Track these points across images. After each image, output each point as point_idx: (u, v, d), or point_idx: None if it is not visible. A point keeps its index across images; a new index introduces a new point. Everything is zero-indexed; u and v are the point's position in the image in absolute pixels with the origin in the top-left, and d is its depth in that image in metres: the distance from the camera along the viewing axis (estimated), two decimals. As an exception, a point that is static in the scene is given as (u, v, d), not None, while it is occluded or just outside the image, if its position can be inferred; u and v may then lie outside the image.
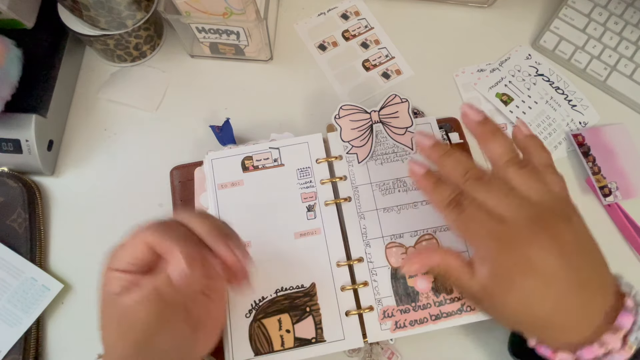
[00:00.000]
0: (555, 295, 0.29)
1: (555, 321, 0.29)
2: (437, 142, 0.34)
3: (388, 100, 0.45)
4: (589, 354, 0.28)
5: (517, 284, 0.29)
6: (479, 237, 0.31)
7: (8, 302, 0.42)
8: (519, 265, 0.29)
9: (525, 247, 0.29)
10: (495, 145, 0.32)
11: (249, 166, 0.43)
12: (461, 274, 0.32)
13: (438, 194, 0.32)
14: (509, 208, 0.30)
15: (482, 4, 0.56)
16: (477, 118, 0.33)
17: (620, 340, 0.27)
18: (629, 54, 0.52)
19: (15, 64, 0.44)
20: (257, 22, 0.45)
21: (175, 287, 0.28)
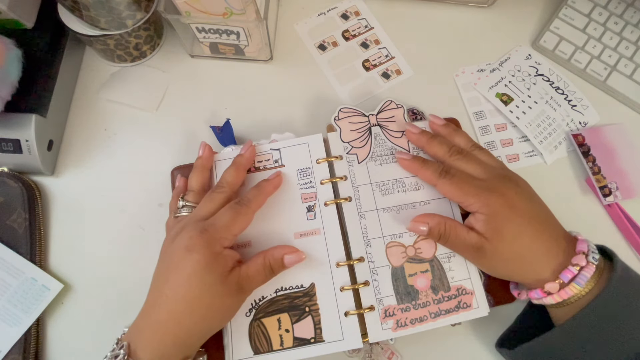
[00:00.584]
0: (532, 230, 0.36)
1: (537, 253, 0.36)
2: (423, 130, 0.43)
3: (384, 105, 0.45)
4: (568, 273, 0.35)
5: (506, 221, 0.36)
6: (471, 193, 0.38)
7: (8, 302, 0.42)
8: (504, 206, 0.37)
9: (505, 192, 0.37)
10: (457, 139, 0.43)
11: (250, 167, 0.43)
12: (459, 231, 0.38)
13: (428, 169, 0.40)
14: (483, 171, 0.39)
15: (482, 4, 0.56)
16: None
17: (585, 259, 0.35)
18: (629, 54, 0.52)
19: (15, 64, 0.44)
20: (257, 22, 0.45)
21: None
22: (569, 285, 0.34)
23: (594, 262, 0.35)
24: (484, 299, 0.40)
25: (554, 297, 0.35)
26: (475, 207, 0.37)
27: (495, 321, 0.41)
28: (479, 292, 0.40)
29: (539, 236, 0.36)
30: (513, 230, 0.36)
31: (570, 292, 0.34)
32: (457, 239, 0.38)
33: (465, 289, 0.40)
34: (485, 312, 0.39)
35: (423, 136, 0.42)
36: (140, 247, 0.46)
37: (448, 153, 0.41)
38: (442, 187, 0.39)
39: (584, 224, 0.41)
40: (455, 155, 0.40)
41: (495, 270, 0.38)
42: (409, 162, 0.41)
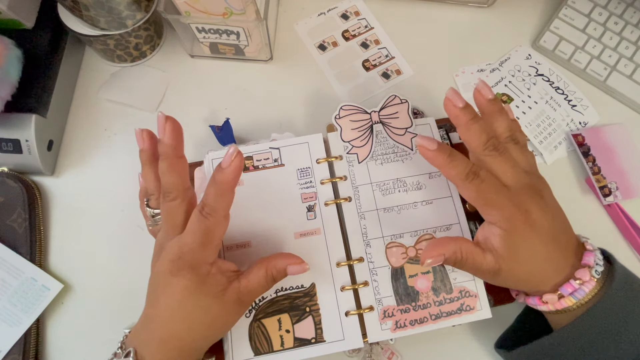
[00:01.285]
0: (547, 251, 0.35)
1: (546, 272, 0.35)
2: (467, 105, 0.36)
3: (388, 100, 0.45)
4: (569, 287, 0.34)
5: (523, 241, 0.34)
6: (495, 205, 0.34)
7: (8, 302, 0.42)
8: (526, 224, 0.34)
9: (529, 207, 0.34)
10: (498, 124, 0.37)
11: (249, 166, 0.43)
12: (475, 255, 0.35)
13: (454, 168, 0.35)
14: (513, 177, 0.35)
15: (482, 4, 0.56)
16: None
17: (588, 273, 0.34)
18: (629, 54, 0.52)
19: (15, 64, 0.44)
20: (257, 22, 0.45)
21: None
22: (565, 298, 0.34)
23: (595, 277, 0.34)
24: (487, 301, 0.40)
25: (549, 307, 0.35)
26: (495, 219, 0.35)
27: (495, 321, 0.41)
28: (482, 294, 0.40)
29: (552, 256, 0.35)
30: (529, 251, 0.34)
31: (566, 304, 0.34)
32: (473, 265, 0.35)
33: (468, 291, 0.40)
34: (488, 314, 0.39)
35: (465, 114, 0.36)
36: (140, 247, 0.46)
37: (484, 146, 0.35)
38: (465, 191, 0.36)
39: (584, 224, 0.41)
40: (490, 151, 0.35)
41: (504, 285, 0.38)
42: (433, 154, 0.35)
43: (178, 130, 0.34)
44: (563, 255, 0.35)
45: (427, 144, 0.35)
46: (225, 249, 0.40)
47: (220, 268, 0.34)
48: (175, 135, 0.33)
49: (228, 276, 0.34)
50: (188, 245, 0.32)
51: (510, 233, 0.34)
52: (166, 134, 0.33)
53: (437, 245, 0.35)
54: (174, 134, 0.33)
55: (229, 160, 0.31)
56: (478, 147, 0.36)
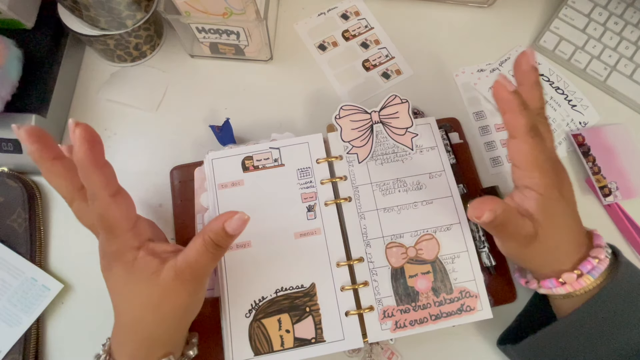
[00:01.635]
0: (573, 221, 0.36)
1: (571, 244, 0.36)
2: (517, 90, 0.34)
3: (388, 100, 0.45)
4: (588, 264, 0.35)
5: (558, 208, 0.35)
6: (541, 168, 0.34)
7: (8, 302, 0.42)
8: (560, 192, 0.35)
9: (562, 176, 0.36)
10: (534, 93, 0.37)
11: (249, 166, 0.43)
12: (517, 217, 0.34)
13: (524, 117, 0.33)
14: (550, 148, 0.36)
15: (482, 4, 0.56)
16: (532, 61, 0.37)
17: (604, 252, 0.35)
18: (629, 54, 0.52)
19: (15, 64, 0.44)
20: (257, 22, 0.45)
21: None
22: (583, 277, 0.34)
23: (608, 257, 0.35)
24: (488, 302, 0.40)
25: (566, 288, 0.35)
26: (534, 183, 0.34)
27: (495, 321, 0.41)
28: (483, 295, 0.40)
29: (574, 228, 0.36)
30: (563, 218, 0.35)
31: (584, 283, 0.34)
32: (515, 228, 0.34)
33: (469, 291, 0.40)
34: (489, 315, 0.39)
35: (517, 99, 0.34)
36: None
37: (540, 110, 0.36)
38: (520, 146, 0.34)
39: (584, 224, 0.41)
40: (543, 118, 0.36)
41: (526, 260, 0.37)
42: (508, 95, 0.33)
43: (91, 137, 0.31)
44: (581, 230, 0.37)
45: (506, 84, 0.33)
46: (225, 249, 0.40)
47: (153, 250, 0.34)
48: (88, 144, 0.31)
49: (163, 257, 0.34)
50: (100, 240, 0.34)
51: (547, 199, 0.34)
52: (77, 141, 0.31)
53: (485, 203, 0.33)
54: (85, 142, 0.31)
55: (73, 137, 0.30)
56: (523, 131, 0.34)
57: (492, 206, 0.32)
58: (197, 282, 0.34)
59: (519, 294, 0.43)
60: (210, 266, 0.34)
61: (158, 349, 0.34)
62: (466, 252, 0.41)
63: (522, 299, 0.43)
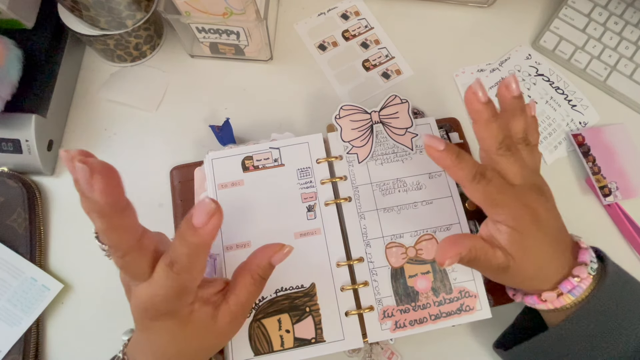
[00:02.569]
0: (552, 249, 0.35)
1: (549, 270, 0.35)
2: (489, 102, 0.35)
3: (388, 100, 0.45)
4: (568, 285, 0.34)
5: (532, 239, 0.34)
6: (502, 204, 0.34)
7: (8, 302, 0.42)
8: (533, 222, 0.34)
9: (536, 206, 0.34)
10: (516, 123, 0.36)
11: (249, 166, 0.43)
12: (487, 251, 0.35)
13: (462, 169, 0.34)
14: (522, 177, 0.35)
15: (482, 4, 0.56)
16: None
17: (585, 270, 0.34)
18: (629, 54, 0.52)
19: (15, 64, 0.44)
20: (257, 22, 0.45)
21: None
22: (564, 296, 0.34)
23: (591, 274, 0.34)
24: (487, 302, 0.40)
25: (548, 305, 0.35)
26: (502, 218, 0.34)
27: (494, 321, 0.41)
28: (482, 295, 0.40)
29: (555, 255, 0.35)
30: (537, 249, 0.34)
31: (564, 301, 0.34)
32: (485, 262, 0.35)
33: (468, 291, 0.40)
34: (487, 314, 0.39)
35: (487, 110, 0.34)
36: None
37: (498, 146, 0.35)
38: (471, 192, 0.35)
39: (584, 224, 0.41)
40: (503, 151, 0.35)
41: (506, 283, 0.38)
42: (440, 155, 0.34)
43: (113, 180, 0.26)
44: (563, 253, 0.36)
45: (435, 143, 0.34)
46: (225, 249, 0.40)
47: (204, 298, 0.32)
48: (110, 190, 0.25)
49: (214, 302, 0.32)
50: (160, 297, 0.28)
51: (518, 231, 0.34)
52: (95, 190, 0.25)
53: (452, 245, 0.34)
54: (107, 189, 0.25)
55: (206, 219, 0.26)
56: (492, 146, 0.35)
57: (456, 250, 0.33)
58: (245, 316, 0.35)
59: (519, 294, 0.44)
60: (254, 301, 0.34)
61: None
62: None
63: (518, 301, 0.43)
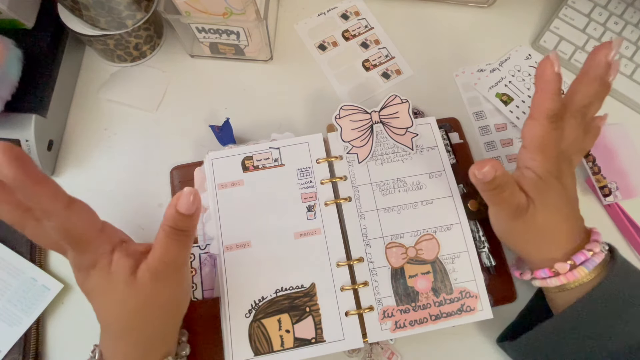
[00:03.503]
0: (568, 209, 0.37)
1: (562, 232, 0.36)
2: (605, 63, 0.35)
3: (388, 100, 0.45)
4: (582, 256, 0.35)
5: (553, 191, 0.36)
6: (547, 152, 0.36)
7: (8, 302, 0.42)
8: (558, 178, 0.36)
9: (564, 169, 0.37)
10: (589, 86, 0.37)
11: (249, 166, 0.43)
12: (515, 186, 0.36)
13: (553, 102, 0.34)
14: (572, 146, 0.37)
15: (482, 4, 0.56)
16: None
17: (599, 246, 0.35)
18: (629, 54, 0.52)
19: (15, 64, 0.44)
20: (257, 22, 0.45)
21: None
22: (577, 268, 0.35)
23: (604, 252, 0.36)
24: (488, 302, 0.40)
25: (560, 279, 0.35)
26: (535, 164, 0.36)
27: (495, 321, 0.41)
28: (483, 295, 0.40)
29: (570, 217, 0.37)
30: (556, 202, 0.36)
31: (578, 274, 0.35)
32: (510, 195, 0.35)
33: (469, 291, 0.40)
34: (489, 315, 0.39)
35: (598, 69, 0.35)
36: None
37: (581, 106, 0.37)
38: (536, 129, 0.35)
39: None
40: (579, 116, 0.37)
41: (516, 235, 0.38)
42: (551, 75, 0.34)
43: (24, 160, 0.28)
44: (577, 222, 0.37)
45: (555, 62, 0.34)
46: (225, 248, 0.40)
47: (127, 250, 0.33)
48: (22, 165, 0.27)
49: (137, 258, 0.33)
50: (71, 256, 0.32)
51: (543, 180, 0.36)
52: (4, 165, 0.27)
53: (488, 161, 0.33)
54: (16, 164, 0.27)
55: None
56: (578, 104, 0.37)
57: (494, 164, 0.33)
58: (176, 275, 0.34)
59: (519, 294, 0.43)
60: (182, 255, 0.33)
61: (154, 350, 0.34)
62: (466, 252, 0.41)
63: (522, 299, 0.43)
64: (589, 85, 0.36)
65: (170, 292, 0.34)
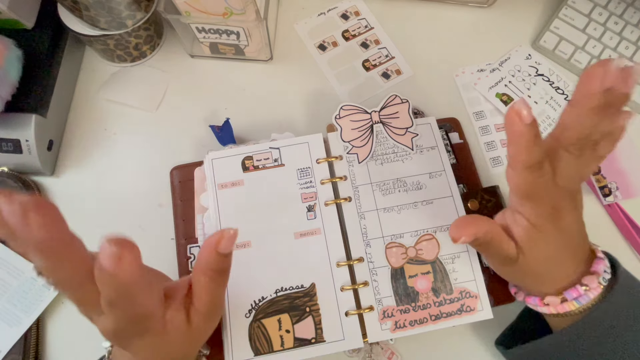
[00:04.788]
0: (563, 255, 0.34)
1: (556, 275, 0.35)
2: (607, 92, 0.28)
3: (388, 100, 0.45)
4: (574, 292, 0.34)
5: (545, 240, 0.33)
6: (535, 198, 0.32)
7: (8, 302, 0.42)
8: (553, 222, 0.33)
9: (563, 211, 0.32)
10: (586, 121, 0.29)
11: (249, 166, 0.43)
12: (502, 239, 0.34)
13: (529, 154, 0.29)
14: (570, 181, 0.32)
15: (482, 4, 0.56)
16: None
17: (596, 280, 0.33)
18: (629, 54, 0.52)
19: (15, 64, 0.44)
20: (257, 22, 0.45)
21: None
22: (568, 302, 0.34)
23: (602, 284, 0.33)
24: (488, 302, 0.40)
25: (550, 309, 0.35)
26: (526, 212, 0.33)
27: (495, 321, 0.41)
28: (483, 295, 0.40)
29: (566, 262, 0.34)
30: (549, 250, 0.34)
31: (568, 308, 0.34)
32: (497, 249, 0.34)
33: (469, 291, 0.40)
34: (489, 315, 0.39)
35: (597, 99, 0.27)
36: (140, 247, 0.46)
37: (576, 140, 0.30)
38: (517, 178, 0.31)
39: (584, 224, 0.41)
40: (575, 150, 0.30)
41: (508, 277, 0.38)
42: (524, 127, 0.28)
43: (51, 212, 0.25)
44: (576, 262, 0.35)
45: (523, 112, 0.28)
46: (225, 249, 0.40)
47: (174, 306, 0.31)
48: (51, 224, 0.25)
49: (185, 307, 0.31)
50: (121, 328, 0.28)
51: (536, 228, 0.33)
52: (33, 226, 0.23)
53: (469, 224, 0.33)
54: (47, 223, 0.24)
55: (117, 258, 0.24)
56: (573, 137, 0.30)
57: (473, 230, 0.32)
58: (219, 313, 0.35)
59: (519, 294, 0.44)
60: (223, 293, 0.33)
61: None
62: (466, 252, 0.41)
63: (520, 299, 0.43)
64: (582, 118, 0.29)
65: (216, 323, 0.34)
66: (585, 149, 0.30)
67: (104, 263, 0.24)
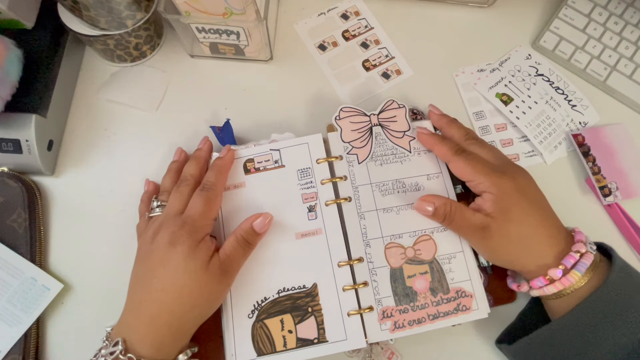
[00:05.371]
0: (538, 215, 0.38)
1: (541, 237, 0.37)
2: (443, 113, 0.45)
3: (386, 105, 0.45)
4: (571, 259, 0.36)
5: (514, 203, 0.38)
6: (483, 172, 0.39)
7: (8, 302, 0.42)
8: (514, 189, 0.38)
9: (515, 177, 0.39)
10: (455, 129, 0.44)
11: (250, 168, 0.43)
12: (465, 212, 0.39)
13: (445, 145, 0.41)
14: (494, 158, 0.41)
15: (482, 4, 0.56)
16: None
17: (584, 246, 0.36)
18: (629, 54, 0.53)
19: (15, 64, 0.44)
20: (257, 22, 0.45)
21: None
22: (570, 273, 0.35)
23: (592, 252, 0.36)
24: (484, 301, 0.40)
25: (556, 285, 0.35)
26: (485, 187, 0.38)
27: (495, 321, 0.41)
28: (479, 294, 0.40)
29: (543, 222, 0.38)
30: (520, 212, 0.37)
31: (572, 279, 0.35)
32: (462, 220, 0.38)
33: (464, 291, 0.40)
34: (484, 314, 0.39)
35: (443, 118, 0.44)
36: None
37: (465, 136, 0.43)
38: (456, 164, 0.40)
39: (584, 224, 0.41)
40: (471, 139, 0.42)
41: (498, 253, 0.39)
42: (427, 137, 0.42)
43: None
44: (554, 225, 0.38)
45: (423, 129, 0.43)
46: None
47: (209, 240, 0.38)
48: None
49: (213, 249, 0.38)
50: (191, 216, 0.38)
51: (500, 195, 0.38)
52: (204, 148, 0.45)
53: (430, 197, 0.40)
54: (210, 150, 0.45)
55: (225, 152, 0.42)
56: (461, 138, 0.43)
57: (432, 199, 0.39)
58: (231, 276, 0.38)
59: (519, 294, 0.44)
60: (241, 261, 0.39)
61: (179, 341, 0.36)
62: (462, 253, 0.41)
63: (522, 299, 0.43)
64: (450, 128, 0.44)
65: (222, 288, 0.37)
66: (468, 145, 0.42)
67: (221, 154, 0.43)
